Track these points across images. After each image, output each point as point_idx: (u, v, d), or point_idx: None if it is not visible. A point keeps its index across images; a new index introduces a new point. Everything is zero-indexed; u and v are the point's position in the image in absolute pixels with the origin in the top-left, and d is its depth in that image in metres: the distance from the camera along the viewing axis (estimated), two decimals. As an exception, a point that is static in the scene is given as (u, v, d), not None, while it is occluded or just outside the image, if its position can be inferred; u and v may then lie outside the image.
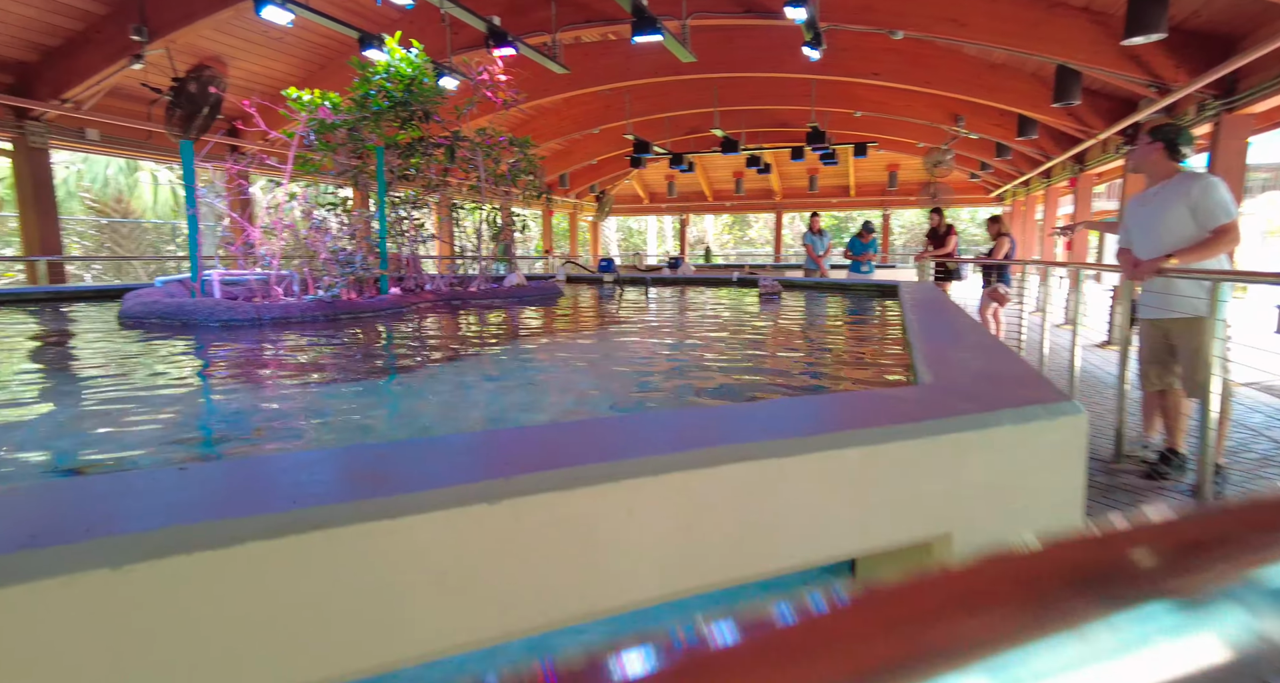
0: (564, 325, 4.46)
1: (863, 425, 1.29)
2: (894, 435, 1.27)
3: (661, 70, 11.24)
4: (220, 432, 1.86)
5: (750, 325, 4.56)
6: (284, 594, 0.90)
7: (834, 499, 1.23)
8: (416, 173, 6.19)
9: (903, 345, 3.33)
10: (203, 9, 7.34)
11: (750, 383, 2.53)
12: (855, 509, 1.25)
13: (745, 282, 8.56)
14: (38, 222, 8.40)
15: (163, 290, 4.56)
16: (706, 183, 22.05)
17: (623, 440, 1.20)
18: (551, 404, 2.17)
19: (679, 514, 1.14)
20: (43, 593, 0.76)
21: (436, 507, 1.00)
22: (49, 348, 3.30)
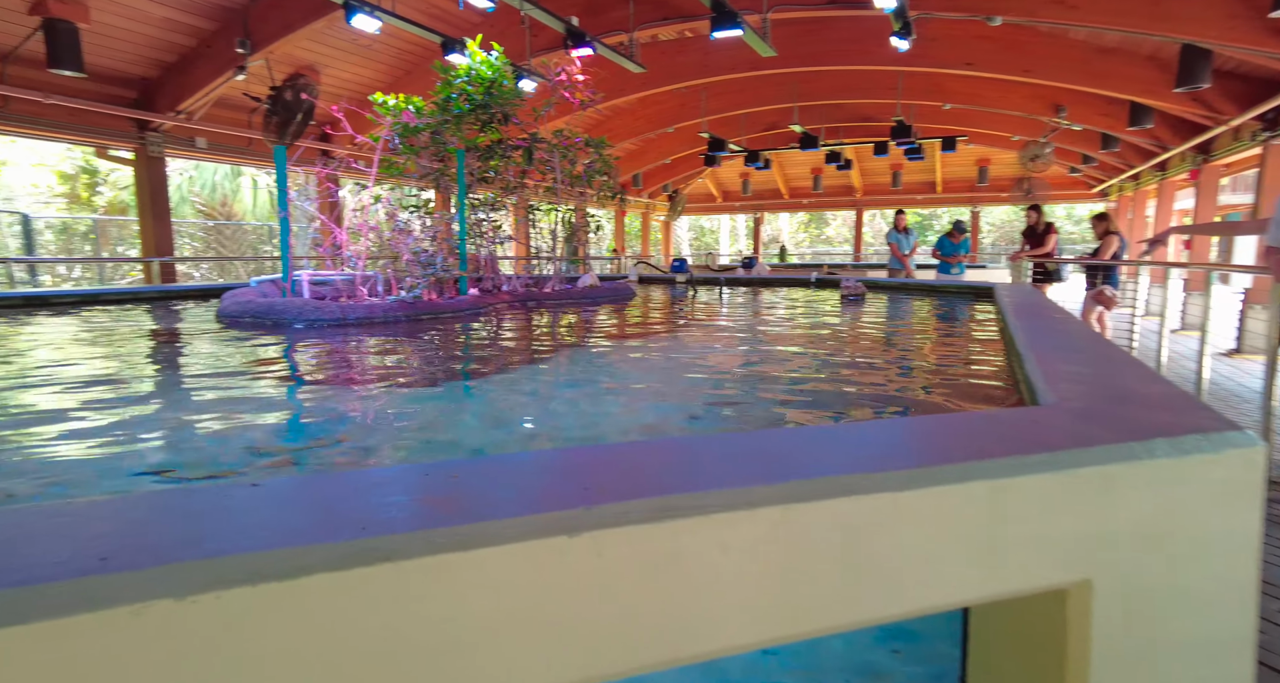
0: (637, 327, 4.38)
1: (987, 454, 1.13)
2: (1027, 467, 1.11)
3: (739, 66, 11.02)
4: (299, 437, 1.86)
5: (833, 330, 4.35)
6: (350, 631, 0.84)
7: (955, 539, 1.08)
8: (495, 175, 6.26)
9: (1005, 355, 3.06)
10: (299, 20, 7.69)
11: (842, 396, 2.36)
12: (979, 551, 1.10)
13: (824, 282, 8.26)
14: (154, 225, 9.04)
15: (256, 290, 4.77)
16: (782, 180, 21.57)
17: (714, 466, 1.09)
18: (628, 414, 2.08)
19: (777, 553, 1.02)
20: (112, 623, 0.72)
21: (512, 538, 0.92)
22: (150, 345, 3.47)
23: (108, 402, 2.14)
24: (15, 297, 4.96)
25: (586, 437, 1.83)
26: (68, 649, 0.71)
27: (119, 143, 8.76)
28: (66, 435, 1.77)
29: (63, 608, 0.71)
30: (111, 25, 7.55)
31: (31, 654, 0.70)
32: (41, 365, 2.76)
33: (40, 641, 0.70)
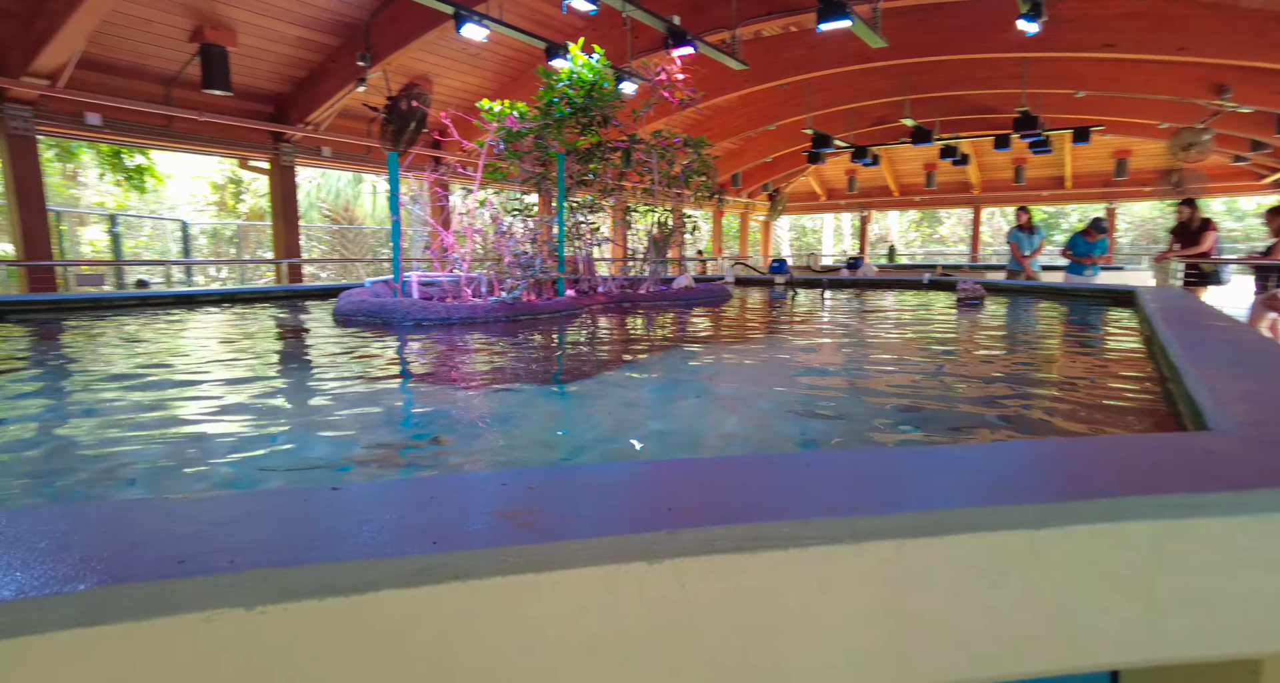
0: (730, 330, 4.24)
1: (1149, 488, 0.95)
2: (1202, 508, 0.92)
3: (847, 59, 10.60)
4: (394, 434, 1.89)
5: (947, 337, 4.04)
6: (417, 652, 0.80)
7: (1105, 589, 0.91)
8: (594, 177, 6.31)
9: (1154, 368, 2.71)
10: (414, 32, 8.09)
11: (960, 413, 2.15)
12: (1136, 605, 0.92)
13: (938, 284, 7.76)
14: (284, 229, 9.81)
15: (370, 290, 5.03)
16: (892, 177, 20.59)
17: (813, 490, 0.97)
18: (717, 423, 1.97)
19: (885, 594, 0.90)
20: (186, 629, 0.71)
21: (587, 561, 0.85)
22: (267, 342, 3.70)
23: (217, 395, 2.28)
24: (167, 295, 5.50)
25: (673, 445, 1.74)
26: (144, 652, 0.71)
27: (257, 154, 9.57)
28: (176, 421, 1.88)
29: (142, 610, 0.71)
30: (253, 47, 8.25)
31: (112, 655, 0.70)
32: (164, 360, 2.99)
33: (119, 642, 0.70)
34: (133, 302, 5.27)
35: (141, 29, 7.46)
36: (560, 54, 6.71)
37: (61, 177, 14.53)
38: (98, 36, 7.05)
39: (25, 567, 0.74)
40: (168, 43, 7.73)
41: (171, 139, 8.66)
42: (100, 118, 7.83)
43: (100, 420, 1.95)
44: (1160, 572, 0.93)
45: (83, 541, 0.80)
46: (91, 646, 0.68)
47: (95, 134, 8.10)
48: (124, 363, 2.87)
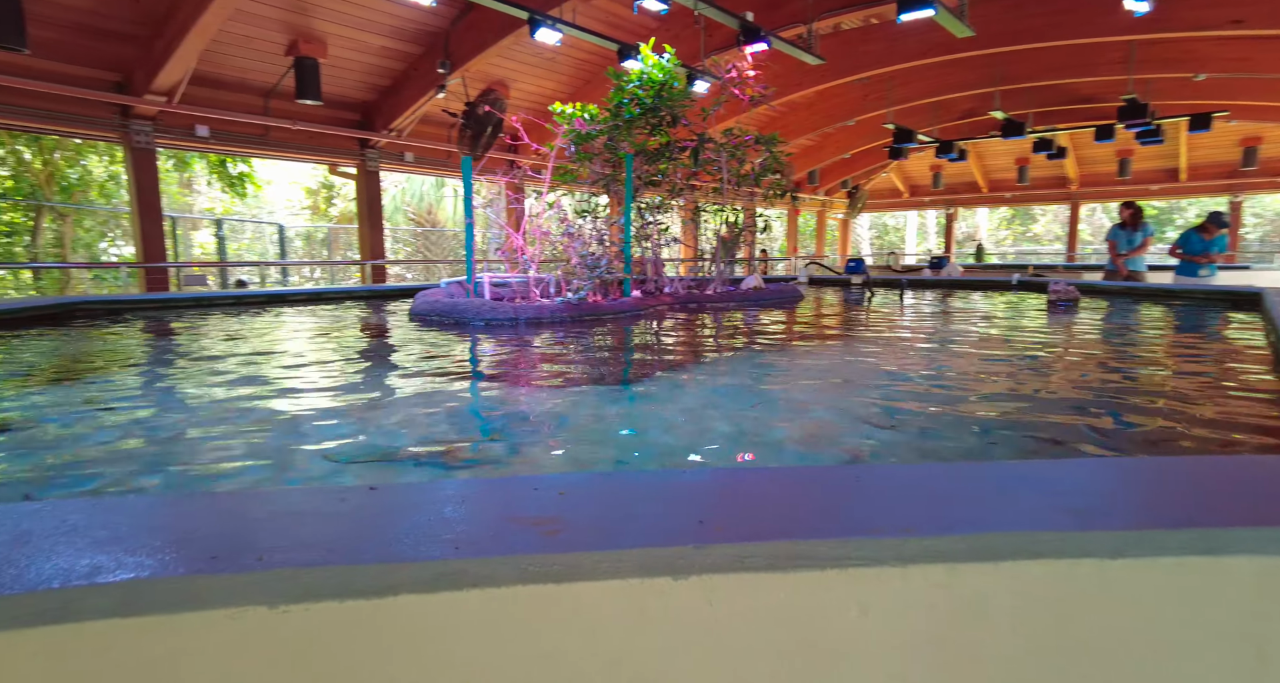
0: (798, 333, 4.12)
1: (1256, 518, 0.83)
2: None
3: (931, 50, 10.14)
4: (450, 431, 1.92)
5: (1034, 341, 3.78)
6: (436, 658, 0.79)
7: (1198, 634, 0.81)
8: (663, 177, 6.28)
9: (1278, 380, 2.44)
10: (491, 38, 8.31)
11: (1039, 425, 2.00)
12: (1243, 654, 0.81)
13: (1028, 285, 7.31)
14: (369, 232, 10.29)
15: (444, 291, 5.19)
16: (980, 172, 19.58)
17: (856, 506, 0.91)
18: (765, 434, 1.90)
19: (934, 622, 0.82)
20: (212, 624, 0.73)
21: (610, 574, 0.82)
22: (345, 339, 3.87)
23: (294, 388, 2.39)
24: (261, 295, 5.86)
25: (721, 454, 1.69)
26: (173, 646, 0.72)
27: (345, 160, 10.07)
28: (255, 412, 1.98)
29: (172, 604, 0.73)
30: (342, 57, 8.69)
31: (144, 647, 0.72)
32: (251, 355, 3.17)
33: (151, 634, 0.72)
34: (230, 300, 5.63)
35: (244, 46, 7.99)
36: (632, 55, 6.72)
37: (178, 185, 15.80)
38: (206, 55, 7.59)
39: (77, 556, 0.77)
40: (266, 58, 8.24)
41: (268, 147, 9.23)
42: (208, 129, 8.43)
43: (192, 411, 2.08)
44: (1266, 617, 0.81)
45: (133, 533, 0.83)
46: (126, 636, 0.71)
47: (203, 145, 8.74)
48: (218, 357, 3.06)
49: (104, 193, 12.80)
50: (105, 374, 2.69)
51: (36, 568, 0.73)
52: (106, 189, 12.80)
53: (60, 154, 11.84)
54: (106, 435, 1.82)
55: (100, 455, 1.64)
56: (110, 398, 2.27)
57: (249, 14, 7.50)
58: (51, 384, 2.49)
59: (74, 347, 3.45)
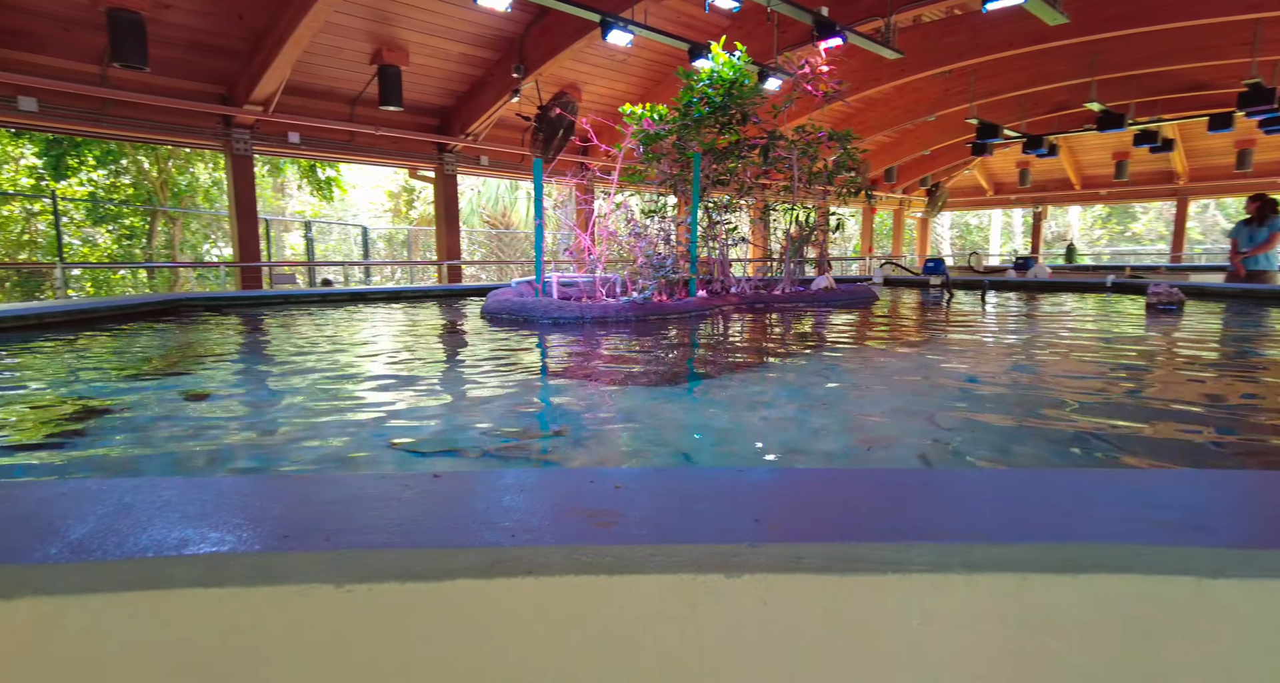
0: (869, 336, 3.99)
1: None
2: None
3: (1019, 40, 9.64)
4: (514, 423, 1.96)
5: (1130, 348, 3.54)
6: (490, 642, 0.80)
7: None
8: (732, 176, 6.22)
9: None
10: (564, 42, 8.45)
11: (1132, 438, 1.87)
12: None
13: (1124, 287, 6.85)
14: (446, 234, 10.65)
15: (515, 290, 5.31)
16: (1073, 168, 18.47)
17: (921, 511, 0.87)
18: (825, 440, 1.85)
19: (1003, 634, 0.78)
20: (284, 599, 0.77)
21: (661, 568, 0.81)
22: (418, 335, 4.01)
23: (371, 379, 2.50)
24: (344, 293, 6.17)
25: (775, 455, 1.66)
26: (249, 617, 0.77)
27: (424, 164, 10.46)
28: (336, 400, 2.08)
29: (249, 578, 0.77)
30: (423, 65, 9.03)
31: (222, 616, 0.77)
32: (333, 348, 3.33)
33: (229, 605, 0.77)
34: (316, 298, 5.95)
35: (333, 56, 8.42)
36: (703, 54, 6.69)
37: (271, 189, 16.83)
38: (298, 65, 8.05)
39: (169, 529, 0.83)
40: (352, 66, 8.66)
41: (354, 152, 9.70)
42: (299, 136, 8.93)
43: (270, 397, 2.21)
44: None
45: (217, 510, 0.89)
46: (207, 605, 0.76)
47: (295, 151, 9.26)
48: (301, 348, 3.24)
49: (208, 198, 13.77)
50: (205, 363, 2.89)
51: (135, 538, 0.79)
52: (210, 194, 13.77)
53: (173, 162, 12.81)
54: (202, 418, 1.95)
55: (193, 433, 1.77)
56: (208, 384, 2.44)
57: (338, 25, 7.90)
58: (160, 372, 2.70)
59: (179, 338, 3.72)
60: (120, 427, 1.89)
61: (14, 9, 6.37)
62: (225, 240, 14.53)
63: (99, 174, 11.84)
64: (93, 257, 12.12)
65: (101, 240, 12.34)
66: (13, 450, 1.69)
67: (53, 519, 0.83)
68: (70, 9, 6.56)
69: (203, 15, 7.17)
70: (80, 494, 0.91)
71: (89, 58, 7.05)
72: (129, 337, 3.74)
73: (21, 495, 0.90)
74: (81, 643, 0.73)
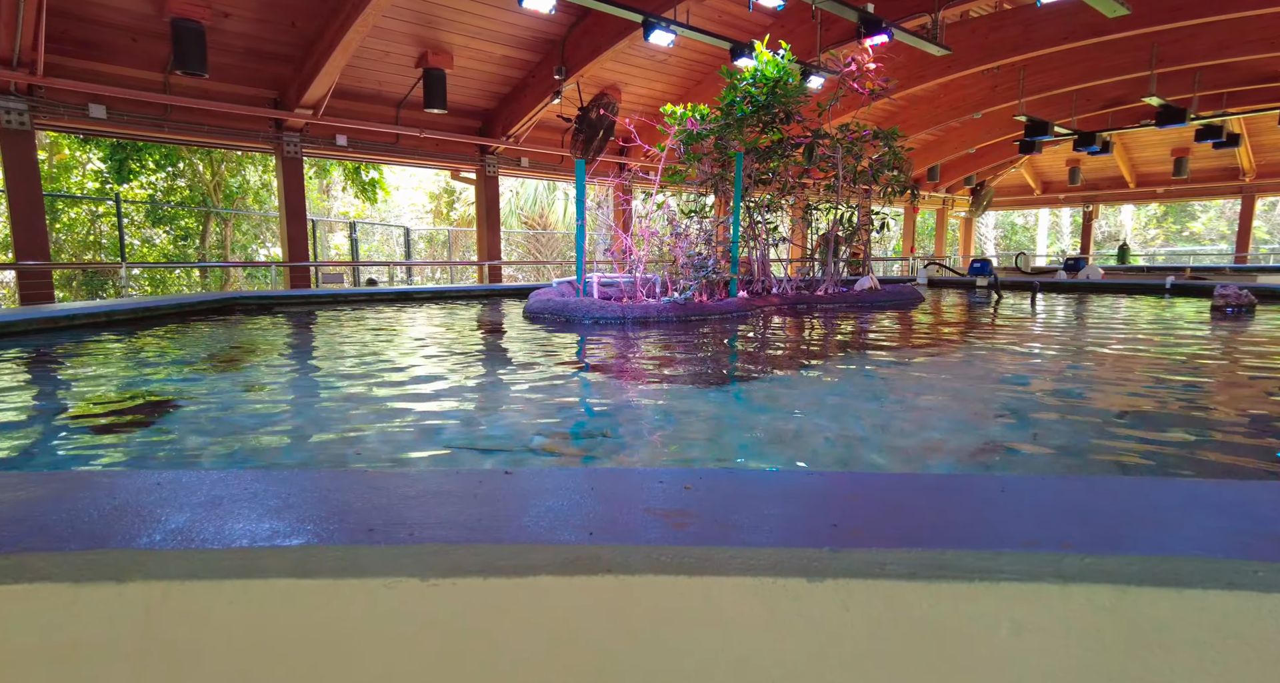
0: (915, 339, 3.91)
1: None
2: None
3: (1074, 34, 9.33)
4: (560, 422, 1.97)
5: (1193, 353, 3.40)
6: (572, 638, 0.80)
7: None
8: (774, 176, 6.16)
9: None
10: (606, 43, 8.48)
11: (1200, 444, 1.80)
12: None
13: (1184, 289, 6.59)
14: (487, 234, 10.78)
15: (556, 290, 5.35)
16: (1127, 166, 17.81)
17: (1010, 518, 0.84)
18: (875, 441, 1.82)
19: (1099, 648, 0.75)
20: (369, 592, 0.78)
21: (742, 571, 0.81)
22: (463, 334, 4.06)
23: (419, 377, 2.54)
24: (389, 292, 6.29)
25: (819, 459, 1.63)
26: (338, 608, 0.79)
27: (466, 165, 10.61)
28: (383, 398, 2.12)
29: (338, 570, 0.79)
30: (466, 68, 9.16)
31: (314, 605, 0.79)
32: (380, 346, 3.39)
33: (319, 595, 0.79)
34: (363, 297, 6.08)
35: (379, 60, 8.60)
36: (746, 53, 6.65)
37: (317, 191, 17.27)
38: (346, 70, 8.24)
39: (258, 520, 0.85)
40: (399, 70, 8.83)
41: (398, 154, 9.89)
42: (346, 138, 9.15)
43: (324, 393, 2.26)
44: None
45: (300, 503, 0.91)
46: (299, 595, 0.77)
47: (342, 153, 9.49)
48: (351, 346, 3.32)
49: (257, 199, 14.20)
50: (258, 359, 2.97)
51: (229, 528, 0.81)
52: (260, 196, 14.19)
53: (225, 165, 13.25)
54: (264, 413, 2.01)
55: (254, 425, 1.82)
56: (262, 379, 2.51)
57: (385, 30, 8.06)
58: (219, 366, 2.79)
59: (235, 335, 3.84)
60: (188, 418, 1.95)
61: (85, 21, 6.66)
62: (274, 241, 14.96)
63: (158, 177, 12.31)
64: (151, 256, 12.61)
65: (159, 241, 12.82)
66: (98, 434, 1.76)
67: (153, 508, 0.86)
68: (137, 20, 6.83)
69: (258, 23, 7.40)
70: (173, 486, 0.94)
71: (153, 66, 7.33)
72: (191, 333, 3.88)
73: (120, 485, 0.94)
74: (184, 626, 0.75)
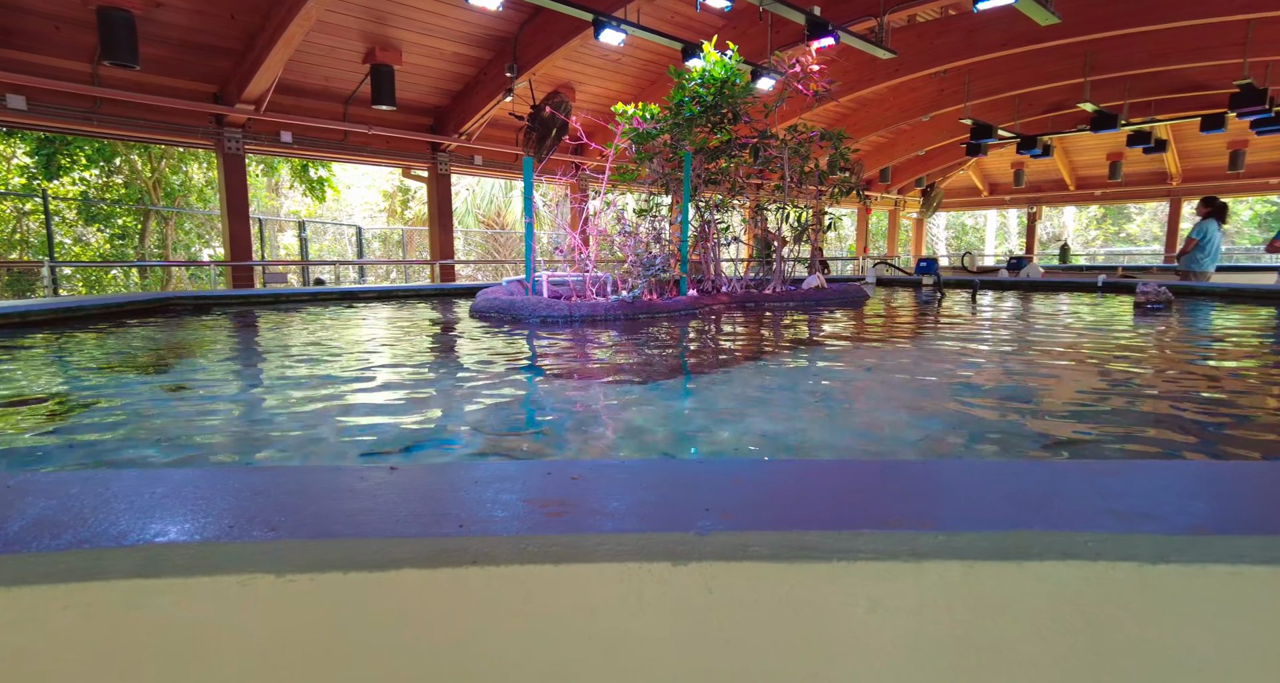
0: (854, 334, 3.99)
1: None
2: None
3: (1013, 41, 9.66)
4: (490, 420, 1.95)
5: (1111, 347, 3.55)
6: (436, 631, 0.79)
7: (1249, 647, 0.73)
8: (724, 176, 6.21)
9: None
10: (558, 41, 8.44)
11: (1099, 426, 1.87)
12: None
13: (1116, 287, 6.87)
14: (439, 233, 10.63)
15: (504, 289, 5.30)
16: (1067, 169, 18.51)
17: (875, 500, 0.87)
18: (802, 435, 1.85)
19: (949, 622, 0.78)
20: (222, 589, 0.76)
21: (608, 557, 0.81)
22: (404, 333, 3.99)
23: (353, 376, 2.49)
24: (334, 292, 6.15)
25: (746, 450, 1.65)
26: (188, 608, 0.75)
27: (418, 163, 10.45)
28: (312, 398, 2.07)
29: (188, 568, 0.76)
30: (416, 64, 9.01)
31: (163, 607, 0.76)
32: (315, 346, 3.32)
33: (168, 596, 0.75)
34: (305, 297, 5.94)
35: (326, 55, 8.41)
36: (697, 54, 6.69)
37: (266, 189, 16.80)
38: (291, 64, 8.03)
39: (111, 520, 0.82)
40: (346, 66, 8.64)
41: (346, 152, 9.68)
42: (291, 135, 8.92)
43: (245, 394, 2.20)
44: (1333, 635, 0.73)
45: (163, 501, 0.88)
46: (149, 596, 0.75)
47: (287, 150, 9.25)
48: (283, 346, 3.23)
49: (201, 198, 13.74)
50: (188, 361, 2.88)
51: (74, 530, 0.78)
52: (204, 194, 13.73)
53: (166, 162, 12.78)
54: (179, 414, 1.94)
55: (168, 427, 1.76)
56: (187, 380, 2.43)
57: (331, 24, 7.88)
58: (137, 369, 2.69)
59: (165, 336, 3.71)
60: (97, 423, 1.88)
61: (4, 7, 6.35)
62: (219, 240, 14.51)
63: (91, 173, 11.81)
64: (85, 256, 12.09)
65: (93, 240, 12.30)
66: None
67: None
68: (61, 7, 6.54)
69: (195, 14, 7.15)
70: (27, 488, 0.90)
71: (80, 56, 7.03)
72: (113, 335, 3.73)
73: (-34, 486, 0.89)
74: (9, 634, 0.72)
